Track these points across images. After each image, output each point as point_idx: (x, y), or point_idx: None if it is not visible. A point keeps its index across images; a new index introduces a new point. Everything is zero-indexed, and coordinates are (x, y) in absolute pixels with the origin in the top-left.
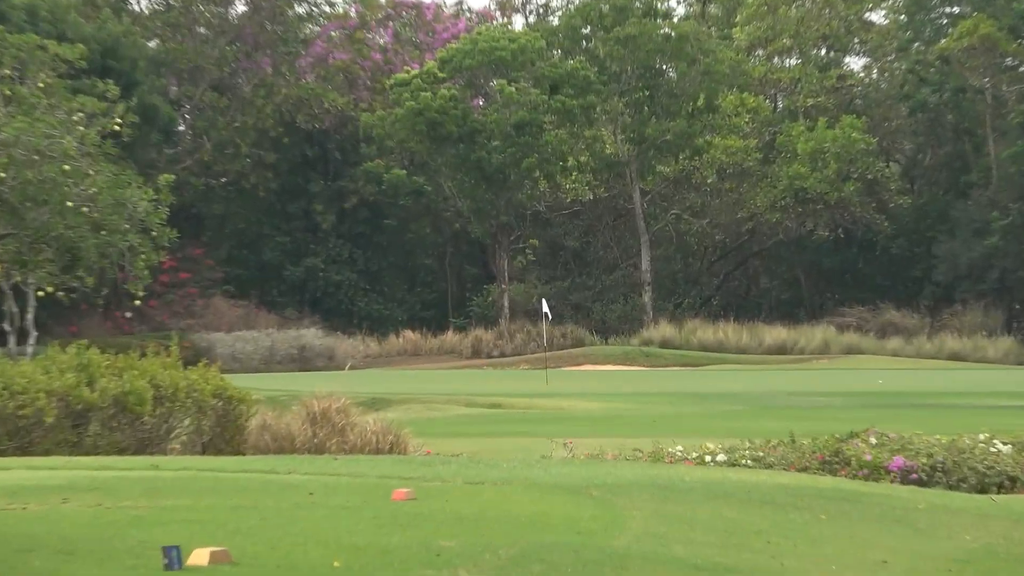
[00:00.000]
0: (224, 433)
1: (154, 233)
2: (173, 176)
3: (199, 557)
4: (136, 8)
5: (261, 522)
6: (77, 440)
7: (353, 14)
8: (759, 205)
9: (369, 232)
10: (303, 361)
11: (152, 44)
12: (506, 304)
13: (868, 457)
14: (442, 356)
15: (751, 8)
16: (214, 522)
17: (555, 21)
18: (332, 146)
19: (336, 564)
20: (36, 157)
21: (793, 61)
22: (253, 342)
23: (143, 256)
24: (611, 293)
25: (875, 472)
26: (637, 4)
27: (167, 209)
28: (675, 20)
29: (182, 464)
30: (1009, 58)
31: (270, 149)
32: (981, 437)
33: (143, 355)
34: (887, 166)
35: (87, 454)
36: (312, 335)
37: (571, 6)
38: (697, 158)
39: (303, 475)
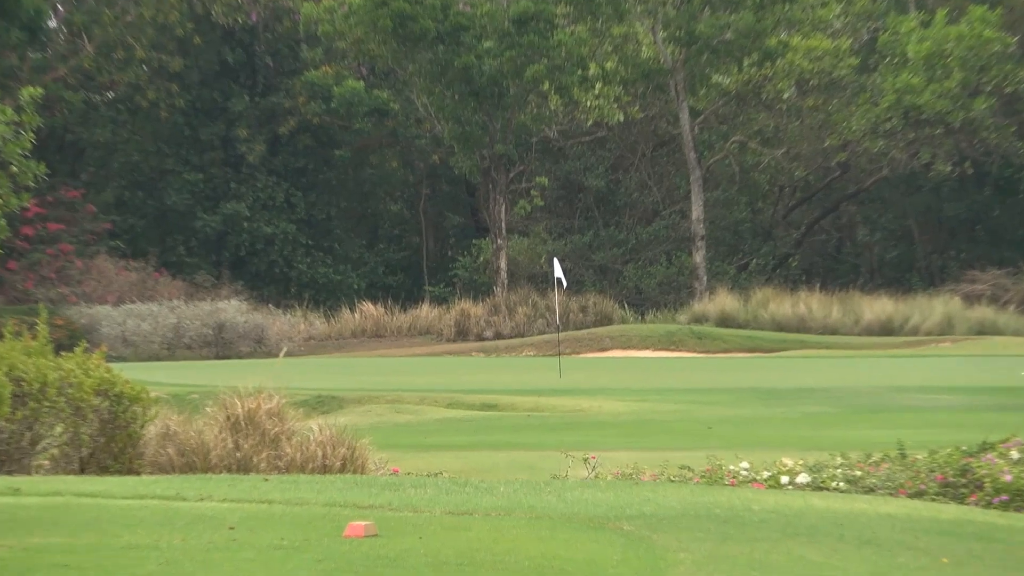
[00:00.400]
0: (111, 445)
1: (14, 168)
2: (41, 90)
3: None
4: None
5: (163, 568)
6: None
7: None
8: (854, 129)
9: (313, 168)
10: (221, 345)
11: None
12: (502, 266)
13: (1008, 478)
14: (415, 338)
15: None
16: (97, 568)
17: None
18: (261, 49)
19: None
20: None
21: None
22: (152, 319)
23: None
24: (649, 251)
25: (1018, 498)
26: None
27: (32, 135)
28: None
29: (52, 487)
30: None
31: (175, 53)
32: None
33: None
34: None
35: None
36: (234, 309)
37: None
38: (769, 65)
39: (221, 502)
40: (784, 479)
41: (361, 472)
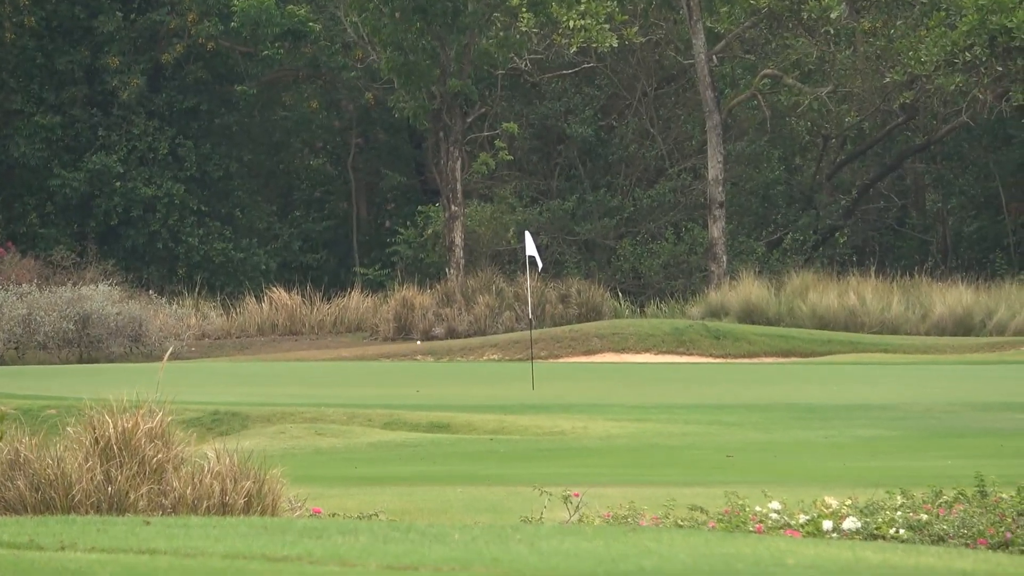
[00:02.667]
0: None
1: None
2: None
3: None
4: None
5: None
6: None
7: None
8: (924, 61)
9: (207, 109)
10: (87, 344)
11: None
12: (458, 242)
13: None
14: (341, 336)
15: None
16: None
17: None
18: None
19: None
20: None
21: None
22: None
23: None
24: (652, 222)
25: None
26: None
27: None
28: None
29: None
30: None
31: None
32: None
33: None
34: None
35: None
36: (103, 297)
37: None
38: None
39: (88, 552)
40: (827, 524)
41: (272, 513)
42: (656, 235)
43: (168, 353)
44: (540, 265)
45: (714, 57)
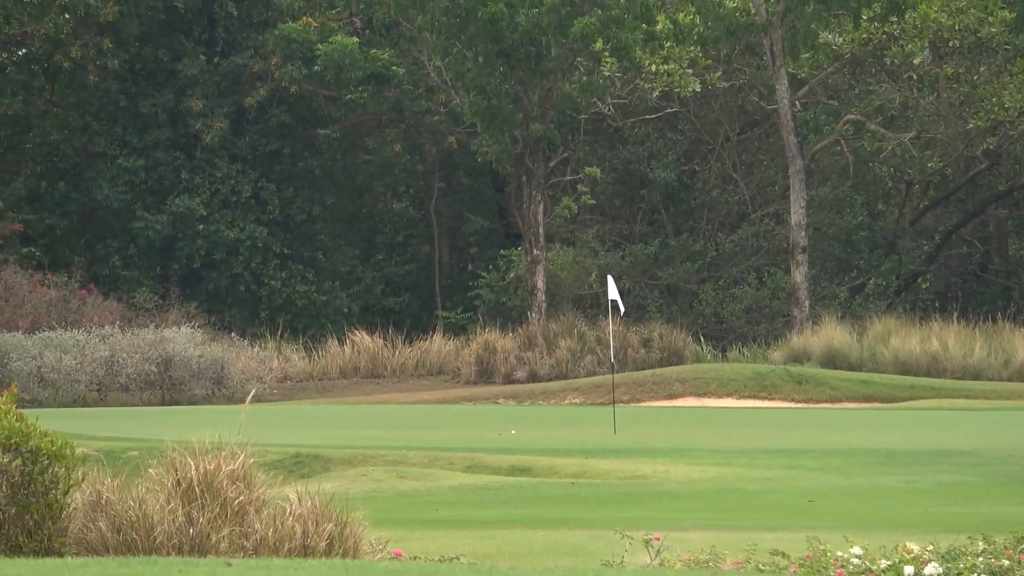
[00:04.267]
0: (25, 517)
1: None
2: None
3: None
4: None
5: None
6: None
7: None
8: (1008, 107)
9: (290, 152)
10: (169, 386)
11: None
12: (540, 286)
13: None
14: (423, 380)
15: None
16: None
17: None
18: None
19: None
20: None
21: None
22: (77, 351)
23: None
24: (734, 267)
25: None
26: None
27: None
28: None
29: None
30: None
31: None
32: None
33: None
34: None
35: None
36: (185, 340)
37: None
38: (895, 19)
39: None
40: (909, 570)
41: (353, 556)
42: (738, 280)
43: (250, 396)
44: (622, 309)
45: (797, 102)
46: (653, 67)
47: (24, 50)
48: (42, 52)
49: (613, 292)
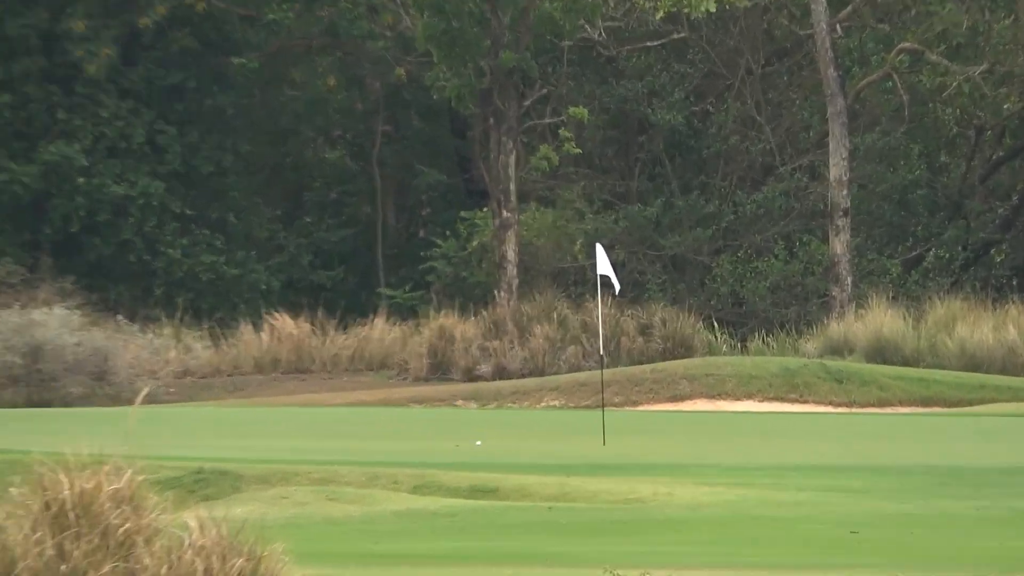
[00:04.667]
0: None
1: None
2: None
3: None
4: None
5: None
6: None
7: None
8: None
9: (196, 86)
10: (38, 383)
11: None
12: (511, 257)
13: None
14: (361, 375)
15: None
16: None
17: None
18: None
19: None
20: None
21: None
22: None
23: None
24: (757, 234)
25: None
26: None
27: None
28: None
29: None
30: None
31: None
32: None
33: None
34: None
35: None
36: (59, 323)
37: None
38: None
39: None
40: None
41: None
42: (763, 250)
43: (141, 395)
44: (616, 287)
45: (838, 26)
46: None
47: None
48: None
49: (604, 266)
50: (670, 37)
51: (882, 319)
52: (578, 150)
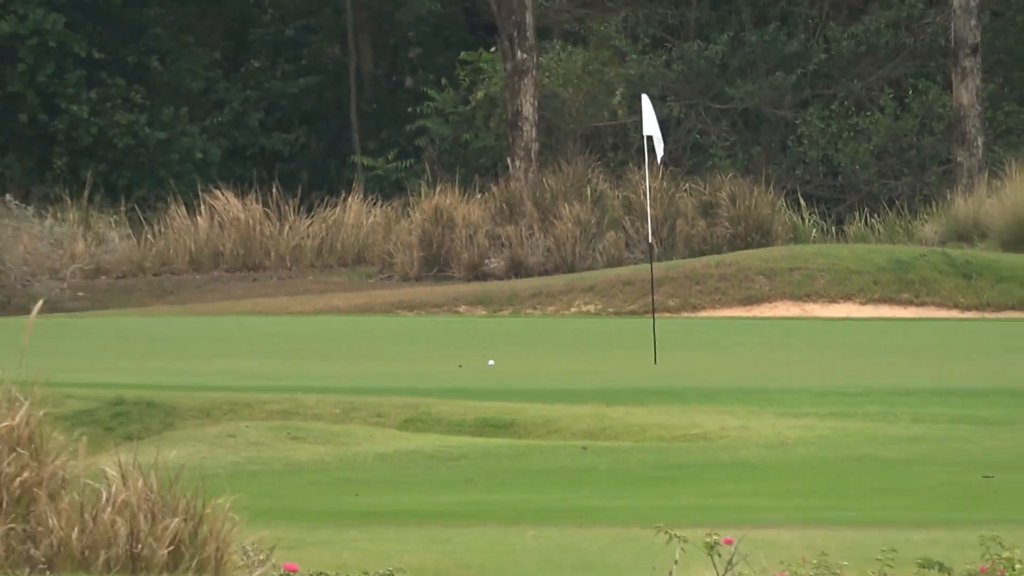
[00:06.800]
0: None
1: None
2: None
3: None
4: None
5: None
6: None
7: None
8: None
9: None
10: None
11: None
12: (529, 113)
13: None
14: (332, 273)
15: None
16: None
17: None
18: None
19: None
20: None
21: None
22: None
23: None
24: (857, 79)
25: None
26: None
27: None
28: None
29: None
30: None
31: None
32: None
33: None
34: None
35: None
36: None
37: None
38: None
39: None
40: None
41: (216, 571)
42: (865, 101)
43: (39, 304)
44: (660, 152)
45: None
46: None
47: None
48: None
49: (651, 124)
50: None
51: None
52: None
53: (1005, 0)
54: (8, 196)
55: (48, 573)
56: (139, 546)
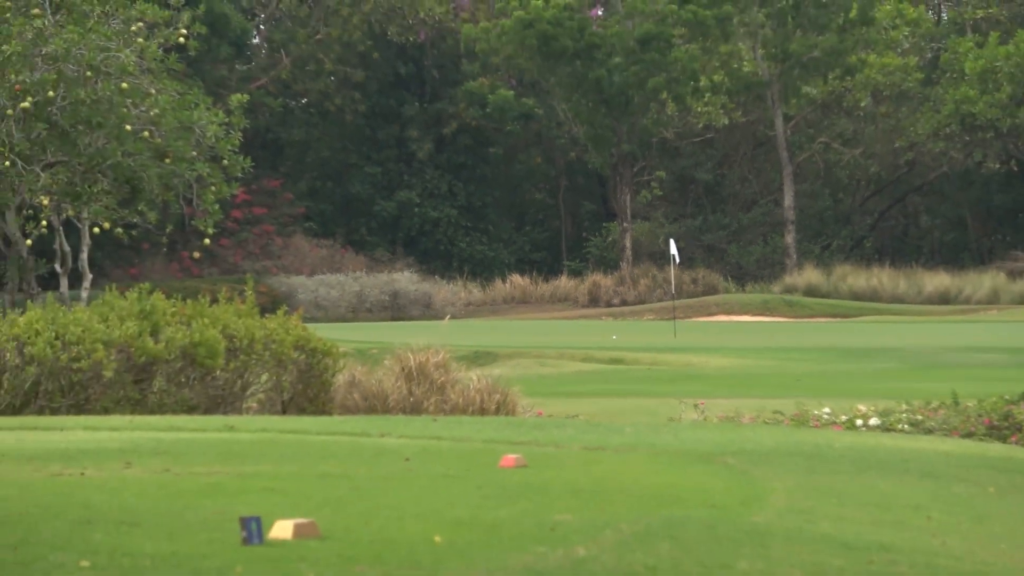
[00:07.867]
0: (307, 391)
1: (225, 162)
2: (246, 96)
3: (282, 530)
4: None
5: (352, 492)
6: (140, 398)
7: None
8: (920, 133)
9: (471, 162)
10: (396, 309)
11: None
12: (628, 245)
13: None
14: (555, 304)
15: None
16: (298, 492)
17: None
18: (429, 63)
19: (437, 540)
20: (89, 73)
21: None
22: (339, 287)
23: (213, 188)
24: (749, 233)
25: None
26: None
27: (240, 134)
28: None
29: (260, 425)
30: None
31: (358, 66)
32: None
33: (214, 301)
34: None
35: (151, 413)
36: (406, 280)
37: None
38: (849, 78)
39: (398, 439)
40: (859, 422)
41: (512, 414)
42: (752, 241)
43: (448, 316)
44: (678, 260)
45: (788, 130)
46: (698, 108)
47: (305, 100)
48: (317, 101)
49: (673, 249)
50: (705, 136)
51: (811, 275)
52: (660, 192)
53: (803, 204)
54: (436, 277)
55: (451, 415)
56: (484, 404)
